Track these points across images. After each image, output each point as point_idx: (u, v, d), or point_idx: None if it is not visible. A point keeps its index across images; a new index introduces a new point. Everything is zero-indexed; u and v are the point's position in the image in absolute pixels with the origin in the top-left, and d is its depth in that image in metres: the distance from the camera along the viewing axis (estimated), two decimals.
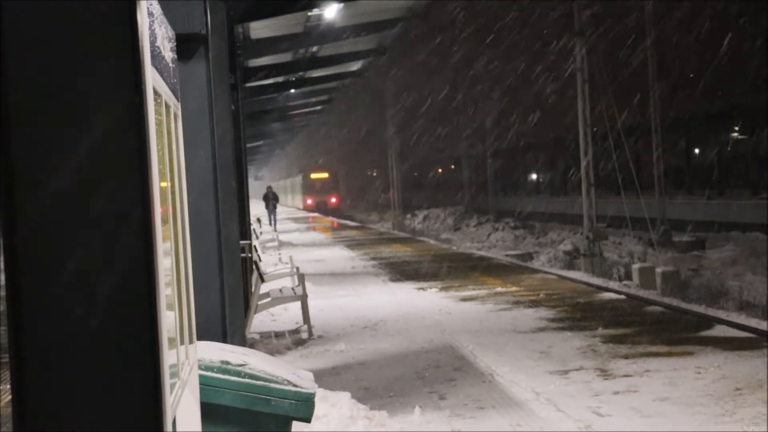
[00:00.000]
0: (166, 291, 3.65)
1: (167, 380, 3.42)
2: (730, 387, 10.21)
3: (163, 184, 4.14)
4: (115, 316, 3.21)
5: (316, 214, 70.02)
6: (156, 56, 3.90)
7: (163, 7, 4.42)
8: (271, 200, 50.06)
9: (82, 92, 3.20)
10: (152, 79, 3.65)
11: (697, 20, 31.30)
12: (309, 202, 77.47)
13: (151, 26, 3.71)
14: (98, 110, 3.20)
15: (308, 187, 77.83)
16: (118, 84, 3.21)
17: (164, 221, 4.01)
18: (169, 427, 3.40)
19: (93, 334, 3.21)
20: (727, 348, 12.33)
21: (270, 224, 46.69)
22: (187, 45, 7.60)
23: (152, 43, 3.74)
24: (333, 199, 75.20)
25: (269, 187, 52.78)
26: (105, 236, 3.22)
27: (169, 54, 4.70)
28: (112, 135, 3.21)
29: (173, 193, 4.74)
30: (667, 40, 32.38)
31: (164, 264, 3.70)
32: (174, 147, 4.90)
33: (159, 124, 4.05)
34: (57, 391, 3.18)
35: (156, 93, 3.91)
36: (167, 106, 4.58)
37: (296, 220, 62.94)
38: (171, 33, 4.96)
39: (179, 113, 5.33)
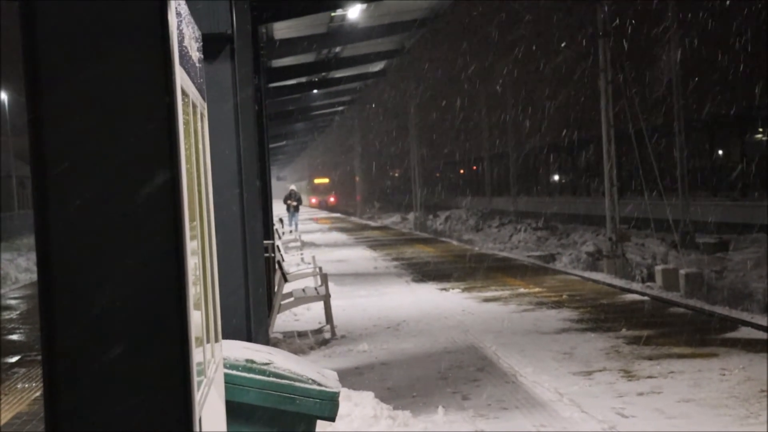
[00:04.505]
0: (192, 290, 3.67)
1: (195, 378, 3.44)
2: (755, 389, 10.15)
3: (190, 183, 4.16)
4: (145, 315, 3.23)
5: (338, 214, 77.76)
6: (183, 56, 3.92)
7: (189, 7, 4.43)
8: (292, 203, 44.26)
9: (113, 92, 3.22)
10: (180, 79, 3.66)
11: (722, 21, 31.12)
12: (313, 201, 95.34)
13: (179, 26, 3.73)
14: (129, 110, 3.22)
15: (312, 189, 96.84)
16: (149, 84, 3.23)
17: (191, 220, 4.03)
18: (196, 425, 3.41)
19: (123, 333, 3.23)
20: (752, 350, 12.26)
21: (290, 225, 43.22)
22: (212, 45, 7.62)
23: (180, 42, 3.76)
24: (331, 199, 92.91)
25: (291, 189, 46.70)
26: (134, 235, 3.24)
27: (196, 54, 4.72)
28: (143, 134, 3.23)
29: (199, 192, 4.76)
30: (692, 40, 32.21)
31: (190, 263, 3.72)
32: (200, 146, 4.92)
33: (186, 123, 4.07)
34: (87, 390, 3.20)
35: (184, 93, 3.92)
36: (194, 106, 4.59)
37: (315, 220, 63.61)
38: (198, 33, 4.97)
39: (206, 113, 5.35)
